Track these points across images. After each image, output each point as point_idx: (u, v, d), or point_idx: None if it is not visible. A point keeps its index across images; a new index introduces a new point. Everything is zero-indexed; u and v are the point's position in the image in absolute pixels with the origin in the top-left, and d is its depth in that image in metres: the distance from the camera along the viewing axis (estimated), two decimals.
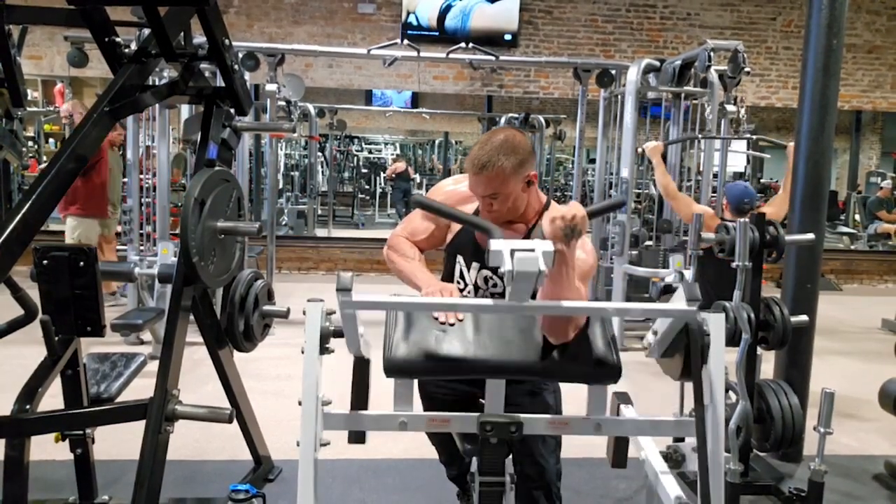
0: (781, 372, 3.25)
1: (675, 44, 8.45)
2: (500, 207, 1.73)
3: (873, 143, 13.46)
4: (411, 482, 2.83)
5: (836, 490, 2.89)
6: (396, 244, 1.97)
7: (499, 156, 1.68)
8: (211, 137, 2.21)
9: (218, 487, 2.65)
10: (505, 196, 1.71)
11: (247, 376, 2.62)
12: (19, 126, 2.44)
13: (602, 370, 1.61)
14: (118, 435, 2.34)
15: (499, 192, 1.70)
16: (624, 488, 2.86)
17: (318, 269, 7.89)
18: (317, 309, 1.50)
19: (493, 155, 1.68)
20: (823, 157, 3.17)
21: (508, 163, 1.68)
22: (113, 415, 2.08)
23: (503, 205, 1.73)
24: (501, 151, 1.68)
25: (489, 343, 1.63)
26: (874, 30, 8.67)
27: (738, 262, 2.66)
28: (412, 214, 2.04)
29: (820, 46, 3.10)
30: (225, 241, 2.17)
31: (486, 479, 1.54)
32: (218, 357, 2.35)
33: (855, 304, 7.28)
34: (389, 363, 1.59)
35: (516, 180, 1.71)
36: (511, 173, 1.69)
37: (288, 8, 8.04)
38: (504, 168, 1.67)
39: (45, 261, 1.94)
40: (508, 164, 1.68)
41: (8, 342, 2.20)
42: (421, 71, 8.19)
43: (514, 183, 1.70)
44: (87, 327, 2.01)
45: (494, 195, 1.71)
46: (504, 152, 1.68)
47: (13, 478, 1.93)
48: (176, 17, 2.01)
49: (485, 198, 1.73)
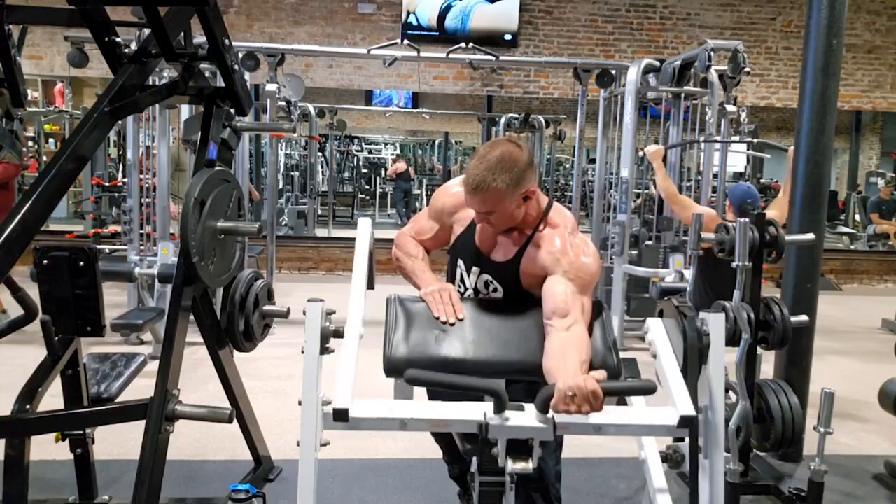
0: (781, 372, 3.25)
1: (675, 44, 8.45)
2: (497, 222, 1.74)
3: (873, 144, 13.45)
4: (411, 482, 2.83)
5: (836, 490, 2.89)
6: (403, 243, 2.00)
7: (493, 175, 1.65)
8: (211, 137, 2.21)
9: (218, 487, 2.65)
10: (500, 213, 1.72)
11: (247, 376, 2.62)
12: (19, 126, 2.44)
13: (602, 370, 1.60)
14: (118, 435, 2.34)
15: (494, 210, 1.70)
16: (624, 488, 2.86)
17: (318, 269, 7.89)
18: (317, 309, 1.51)
19: (487, 175, 1.65)
20: (823, 157, 3.17)
21: (503, 182, 1.65)
22: (113, 415, 2.09)
23: (499, 220, 1.74)
24: (496, 170, 1.65)
25: (489, 343, 1.63)
26: (874, 30, 8.67)
27: (737, 262, 2.67)
28: (419, 214, 2.05)
29: (820, 46, 3.10)
30: (225, 241, 2.17)
31: (485, 480, 1.54)
32: (218, 357, 2.35)
33: (855, 304, 7.29)
34: (390, 363, 1.59)
35: (511, 199, 1.69)
36: (505, 193, 1.67)
37: (288, 8, 8.04)
38: (498, 189, 1.65)
39: (45, 261, 1.94)
40: (503, 184, 1.65)
41: (8, 342, 2.20)
42: (421, 71, 8.19)
43: (508, 202, 1.70)
44: (87, 327, 2.01)
45: (490, 213, 1.71)
46: (500, 171, 1.65)
47: (13, 478, 1.93)
48: (176, 17, 2.01)
49: (482, 215, 1.74)
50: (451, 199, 1.91)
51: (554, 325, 1.61)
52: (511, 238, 1.81)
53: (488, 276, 1.84)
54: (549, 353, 1.57)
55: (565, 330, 1.59)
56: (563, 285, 1.66)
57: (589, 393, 1.37)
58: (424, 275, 1.89)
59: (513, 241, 1.80)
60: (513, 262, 1.78)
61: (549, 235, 1.77)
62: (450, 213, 1.92)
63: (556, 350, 1.55)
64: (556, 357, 1.54)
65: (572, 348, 1.54)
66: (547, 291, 1.67)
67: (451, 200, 1.91)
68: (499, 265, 1.81)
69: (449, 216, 1.92)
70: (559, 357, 1.53)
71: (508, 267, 1.79)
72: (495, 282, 1.83)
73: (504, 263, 1.80)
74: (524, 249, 1.78)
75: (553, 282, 1.68)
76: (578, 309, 1.63)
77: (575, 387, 1.37)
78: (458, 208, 1.89)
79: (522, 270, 1.77)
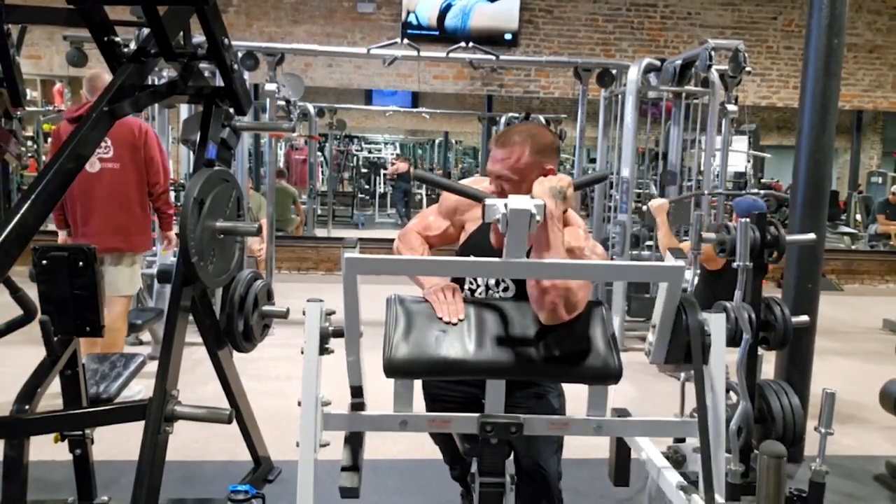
0: (782, 372, 3.25)
1: (675, 43, 8.45)
2: (511, 185, 1.71)
3: (874, 143, 13.45)
4: (412, 482, 2.82)
5: (838, 491, 2.89)
6: (407, 237, 1.98)
7: (524, 135, 1.71)
8: (210, 137, 2.20)
9: (217, 488, 2.64)
10: (518, 179, 1.70)
11: (247, 376, 2.61)
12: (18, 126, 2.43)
13: (602, 371, 1.60)
14: (118, 435, 2.33)
15: (515, 167, 1.70)
16: (624, 488, 2.86)
17: (317, 269, 7.89)
18: (316, 309, 1.50)
19: (516, 131, 1.73)
20: (824, 156, 3.17)
21: (530, 141, 1.71)
22: (112, 415, 2.08)
23: (513, 184, 1.71)
24: (528, 133, 1.72)
25: (489, 344, 1.62)
26: (875, 29, 8.67)
27: (738, 261, 2.66)
28: (426, 210, 2.05)
29: (821, 46, 3.10)
30: (224, 241, 2.17)
31: (486, 480, 1.54)
32: (217, 357, 2.34)
33: (856, 305, 7.28)
34: (390, 364, 1.59)
35: (533, 163, 1.70)
36: (529, 152, 1.70)
37: (287, 7, 8.04)
38: (524, 147, 1.70)
39: (44, 261, 1.94)
40: (530, 145, 1.70)
41: (7, 342, 2.20)
42: (421, 70, 8.19)
43: (530, 166, 1.70)
44: (86, 327, 2.01)
45: (508, 177, 1.70)
46: (528, 133, 1.72)
47: (12, 478, 1.92)
48: (175, 17, 2.00)
49: (498, 179, 1.72)
50: (456, 199, 1.90)
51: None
52: None
53: None
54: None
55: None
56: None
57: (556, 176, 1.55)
58: None
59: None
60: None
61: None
62: (462, 212, 1.91)
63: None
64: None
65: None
66: None
67: (457, 200, 1.90)
68: None
69: (461, 214, 1.92)
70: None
71: None
72: (507, 279, 1.83)
73: None
74: None
75: None
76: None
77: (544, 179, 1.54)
78: (471, 206, 1.88)
79: None
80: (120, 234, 3.54)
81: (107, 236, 3.48)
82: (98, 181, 3.48)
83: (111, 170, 3.51)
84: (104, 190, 3.50)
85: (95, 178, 3.48)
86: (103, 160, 3.51)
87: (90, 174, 3.45)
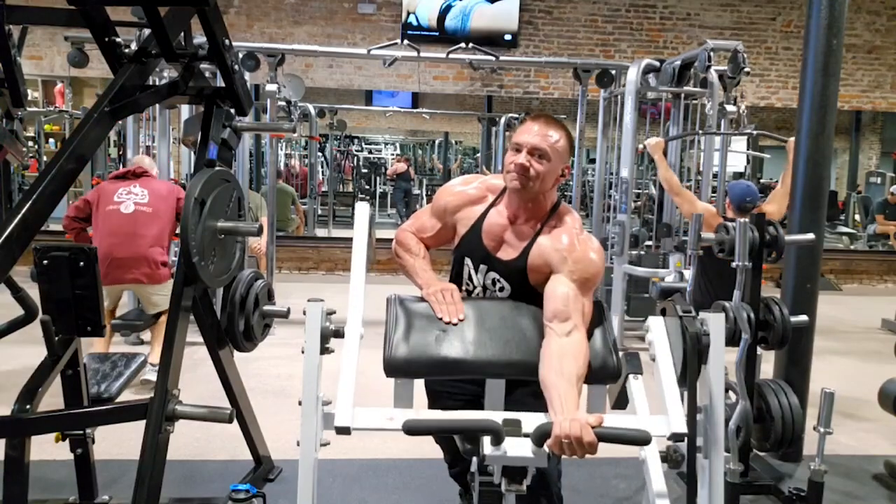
0: (781, 372, 3.25)
1: (674, 44, 8.45)
2: (537, 168, 1.73)
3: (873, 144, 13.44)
4: (411, 481, 2.83)
5: (836, 490, 2.89)
6: (403, 239, 1.99)
7: (561, 125, 1.78)
8: (211, 137, 2.21)
9: (218, 487, 2.65)
10: (548, 160, 1.73)
11: (247, 376, 2.62)
12: (19, 126, 2.44)
13: (602, 370, 1.61)
14: (118, 435, 2.34)
15: (552, 148, 1.73)
16: (624, 488, 2.86)
17: (318, 269, 7.89)
18: (317, 309, 1.51)
19: (555, 121, 1.78)
20: (823, 157, 3.17)
21: (566, 134, 1.78)
22: (113, 415, 2.09)
23: (540, 167, 1.73)
24: (561, 126, 1.79)
25: (489, 343, 1.63)
26: (874, 30, 8.67)
27: (737, 261, 2.67)
28: (421, 210, 2.05)
29: (820, 46, 3.10)
30: (225, 241, 2.17)
31: (485, 479, 1.54)
32: (218, 357, 2.35)
33: (854, 304, 7.29)
34: (390, 363, 1.59)
35: (560, 153, 1.75)
36: (561, 142, 1.76)
37: (288, 8, 8.04)
38: (563, 134, 1.76)
39: (45, 261, 1.94)
40: (566, 135, 1.78)
41: (8, 342, 2.20)
42: (421, 71, 8.19)
43: (557, 153, 1.74)
44: (87, 327, 2.01)
45: (544, 151, 1.72)
46: (562, 128, 1.78)
47: (13, 478, 1.93)
48: (176, 18, 2.01)
49: (533, 149, 1.73)
50: (454, 199, 1.91)
51: (553, 328, 1.61)
52: (518, 235, 1.81)
53: (496, 273, 1.84)
54: (546, 360, 1.57)
55: (565, 335, 1.58)
56: (565, 287, 1.66)
57: (585, 444, 1.39)
58: (426, 273, 1.89)
59: (520, 238, 1.80)
60: (520, 260, 1.79)
61: (556, 233, 1.77)
62: (452, 213, 1.91)
63: (554, 357, 1.56)
64: (554, 369, 1.53)
65: (570, 358, 1.54)
66: (549, 291, 1.68)
67: (455, 200, 1.91)
68: (506, 263, 1.81)
69: (452, 215, 1.92)
70: (556, 370, 1.53)
71: (516, 264, 1.79)
72: (503, 279, 1.83)
73: (511, 261, 1.80)
74: (531, 246, 1.78)
75: (556, 282, 1.69)
76: (579, 313, 1.63)
77: (572, 436, 1.39)
78: (462, 207, 1.89)
79: (529, 267, 1.77)
80: (147, 267, 3.71)
81: (133, 270, 3.67)
82: (132, 221, 3.67)
83: (144, 213, 3.70)
84: (135, 228, 3.68)
85: (129, 219, 3.67)
86: (138, 204, 3.71)
87: (123, 214, 3.66)
